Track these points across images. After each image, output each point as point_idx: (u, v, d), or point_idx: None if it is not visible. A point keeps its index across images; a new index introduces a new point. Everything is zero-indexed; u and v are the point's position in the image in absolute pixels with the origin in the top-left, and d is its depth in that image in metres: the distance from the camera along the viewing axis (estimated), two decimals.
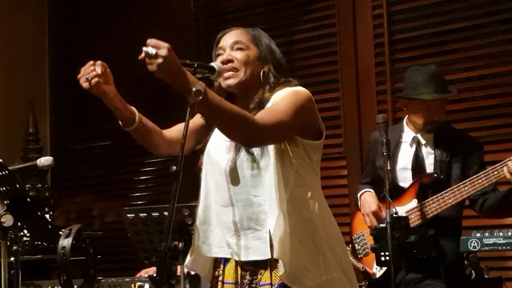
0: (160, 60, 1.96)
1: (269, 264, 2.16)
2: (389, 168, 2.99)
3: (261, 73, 2.26)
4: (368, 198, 3.35)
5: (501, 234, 3.03)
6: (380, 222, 3.23)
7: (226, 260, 2.26)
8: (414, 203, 3.24)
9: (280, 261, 2.12)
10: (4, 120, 5.41)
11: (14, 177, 3.10)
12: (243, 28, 2.35)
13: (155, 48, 1.96)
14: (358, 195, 3.42)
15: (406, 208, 3.25)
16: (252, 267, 2.20)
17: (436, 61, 4.24)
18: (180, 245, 2.88)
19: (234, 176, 2.20)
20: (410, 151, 3.35)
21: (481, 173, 3.16)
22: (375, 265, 3.27)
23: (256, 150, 2.16)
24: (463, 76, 4.18)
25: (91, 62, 2.24)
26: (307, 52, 4.71)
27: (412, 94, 3.32)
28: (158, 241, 3.13)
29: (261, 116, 2.10)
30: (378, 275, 3.29)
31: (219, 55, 2.29)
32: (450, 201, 3.17)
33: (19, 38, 5.61)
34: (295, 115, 2.14)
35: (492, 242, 3.03)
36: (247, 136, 2.08)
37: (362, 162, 4.28)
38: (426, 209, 3.19)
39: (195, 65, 2.15)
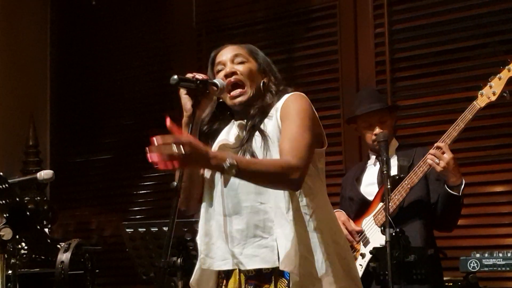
0: (186, 156, 1.94)
1: (274, 276, 2.14)
2: (389, 186, 3.00)
3: (261, 84, 2.28)
4: (337, 214, 3.36)
5: (500, 255, 3.03)
6: (350, 231, 3.28)
7: (229, 275, 2.24)
8: (379, 206, 3.28)
9: (286, 272, 2.10)
10: (5, 132, 5.41)
11: (13, 190, 3.10)
12: (237, 44, 2.36)
13: (177, 145, 1.93)
14: None
15: (372, 214, 3.31)
16: (256, 281, 2.18)
17: (436, 80, 4.27)
18: (179, 260, 2.88)
19: (239, 183, 2.18)
20: (375, 169, 3.45)
21: (421, 161, 3.21)
22: None
23: (260, 156, 2.16)
24: (463, 95, 4.19)
25: None
26: (308, 69, 4.72)
27: (353, 114, 3.52)
28: (156, 257, 3.12)
29: (289, 153, 2.10)
30: None
31: (219, 70, 2.29)
32: (408, 186, 3.19)
33: (20, 50, 5.63)
34: (311, 131, 2.19)
35: (491, 263, 3.03)
36: (291, 182, 2.10)
37: None
38: (390, 204, 3.19)
39: (198, 82, 2.16)
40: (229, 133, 2.31)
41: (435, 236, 3.41)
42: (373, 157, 3.51)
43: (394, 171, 3.32)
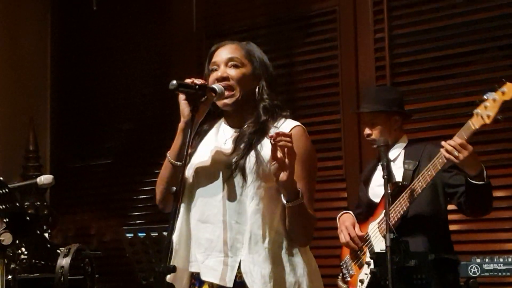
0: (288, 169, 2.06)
1: None
2: (389, 191, 3.00)
3: (256, 90, 2.27)
4: (344, 217, 3.43)
5: (501, 260, 3.02)
6: (353, 238, 3.30)
7: (202, 283, 2.23)
8: (383, 213, 3.24)
9: None
10: (5, 137, 5.41)
11: (13, 195, 3.10)
12: (237, 43, 2.35)
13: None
14: (337, 218, 3.49)
15: (378, 220, 3.30)
16: None
17: (436, 85, 4.27)
18: None
19: (221, 196, 2.19)
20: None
21: (429, 164, 3.14)
22: (358, 284, 3.31)
23: (249, 178, 2.16)
24: (463, 100, 4.19)
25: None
26: (309, 74, 4.72)
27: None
28: (156, 261, 3.12)
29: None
30: None
31: (213, 70, 2.29)
32: (409, 200, 3.17)
33: (21, 55, 5.63)
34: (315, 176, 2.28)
35: (492, 267, 3.02)
36: (311, 234, 2.23)
37: None
38: (392, 215, 3.18)
39: (196, 87, 2.16)
40: (217, 136, 2.31)
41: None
42: None
43: (399, 172, 3.31)
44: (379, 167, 3.47)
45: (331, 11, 4.65)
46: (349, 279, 3.39)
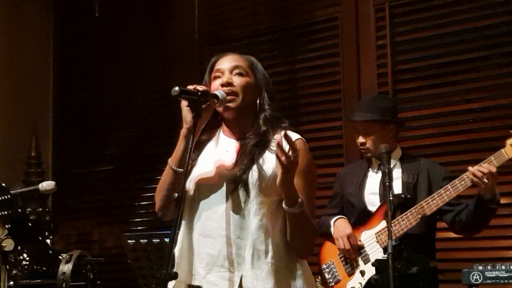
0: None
1: None
2: (391, 198, 2.99)
3: (257, 101, 2.27)
4: (342, 223, 3.42)
5: (503, 267, 3.02)
6: (353, 246, 3.30)
7: None
8: (383, 224, 3.24)
9: None
10: (7, 143, 5.42)
11: (15, 201, 3.10)
12: (239, 54, 2.35)
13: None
14: (332, 222, 3.45)
15: (375, 230, 3.30)
16: None
17: (438, 92, 4.27)
18: None
19: (223, 210, 2.18)
20: (377, 177, 3.41)
21: (448, 185, 3.18)
22: None
23: (252, 192, 2.16)
24: (465, 107, 4.19)
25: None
26: (311, 81, 4.73)
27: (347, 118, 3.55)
28: (158, 268, 3.12)
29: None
30: None
31: (217, 77, 2.28)
32: (419, 216, 3.18)
33: (23, 61, 5.65)
34: (315, 188, 2.29)
35: (494, 275, 3.02)
36: (308, 253, 2.24)
37: None
38: (396, 227, 3.19)
39: (199, 93, 2.16)
40: (217, 147, 2.30)
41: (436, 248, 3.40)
42: (376, 164, 3.47)
43: (397, 183, 3.31)
44: (370, 174, 3.47)
45: (333, 18, 4.66)
46: (333, 284, 3.38)
